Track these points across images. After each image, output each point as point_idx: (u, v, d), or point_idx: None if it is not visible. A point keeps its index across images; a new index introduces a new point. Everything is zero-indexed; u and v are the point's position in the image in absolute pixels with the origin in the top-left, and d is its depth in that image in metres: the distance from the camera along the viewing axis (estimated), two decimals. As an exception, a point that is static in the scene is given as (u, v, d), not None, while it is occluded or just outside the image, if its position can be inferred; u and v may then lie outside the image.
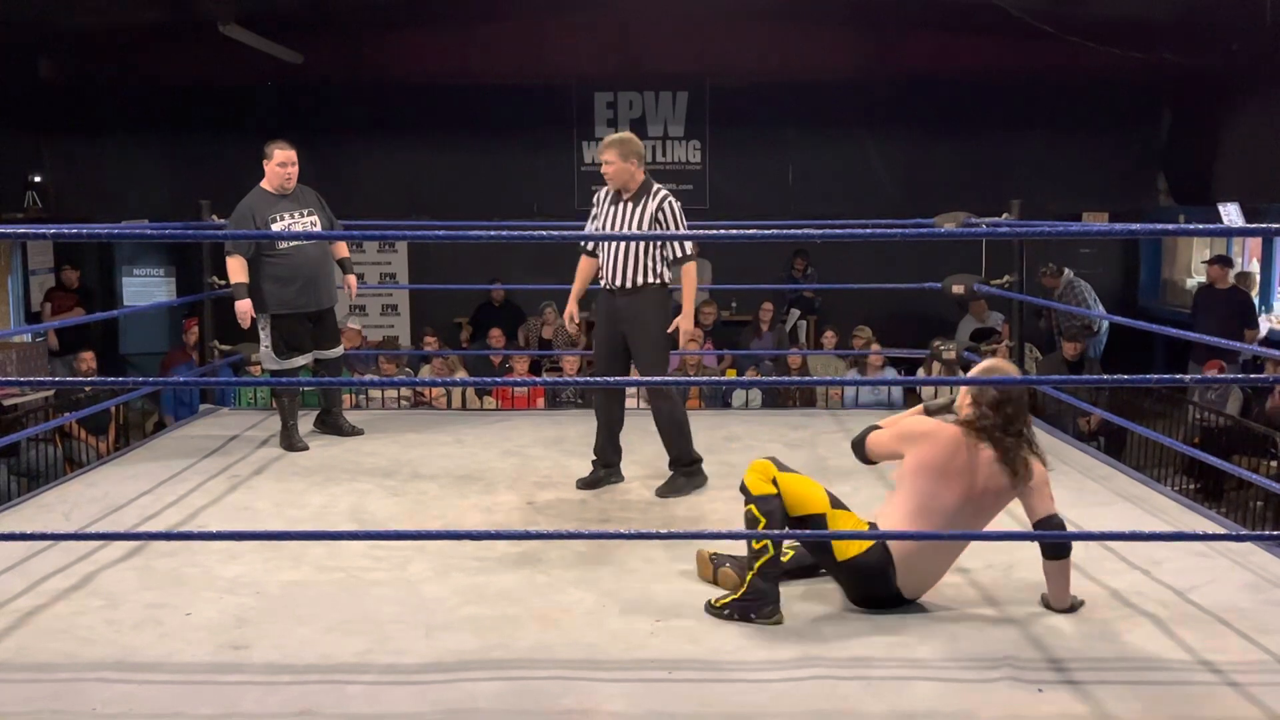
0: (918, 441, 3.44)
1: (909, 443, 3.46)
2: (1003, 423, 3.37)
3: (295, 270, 5.57)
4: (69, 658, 3.11)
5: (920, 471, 3.39)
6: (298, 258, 5.57)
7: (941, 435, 3.41)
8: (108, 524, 4.34)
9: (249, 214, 5.54)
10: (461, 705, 2.85)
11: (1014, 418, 3.38)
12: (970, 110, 11.40)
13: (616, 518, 4.47)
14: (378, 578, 3.73)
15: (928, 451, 3.39)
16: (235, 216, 5.59)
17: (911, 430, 3.50)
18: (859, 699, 2.86)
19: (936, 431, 3.43)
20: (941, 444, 3.39)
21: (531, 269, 11.28)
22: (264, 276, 5.55)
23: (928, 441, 3.42)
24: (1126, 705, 2.81)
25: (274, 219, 5.55)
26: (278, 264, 5.55)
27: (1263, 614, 3.38)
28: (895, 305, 11.07)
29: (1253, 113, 10.34)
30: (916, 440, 3.44)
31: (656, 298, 4.84)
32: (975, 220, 6.44)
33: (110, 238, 9.87)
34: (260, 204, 5.57)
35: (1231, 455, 6.67)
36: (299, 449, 5.56)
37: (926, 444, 3.41)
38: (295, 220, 5.62)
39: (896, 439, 3.53)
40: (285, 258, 5.55)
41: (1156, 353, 11.07)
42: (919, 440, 3.44)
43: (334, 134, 11.24)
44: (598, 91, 11.78)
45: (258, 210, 5.54)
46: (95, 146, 11.64)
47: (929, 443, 3.41)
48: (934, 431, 3.44)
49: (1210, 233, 6.27)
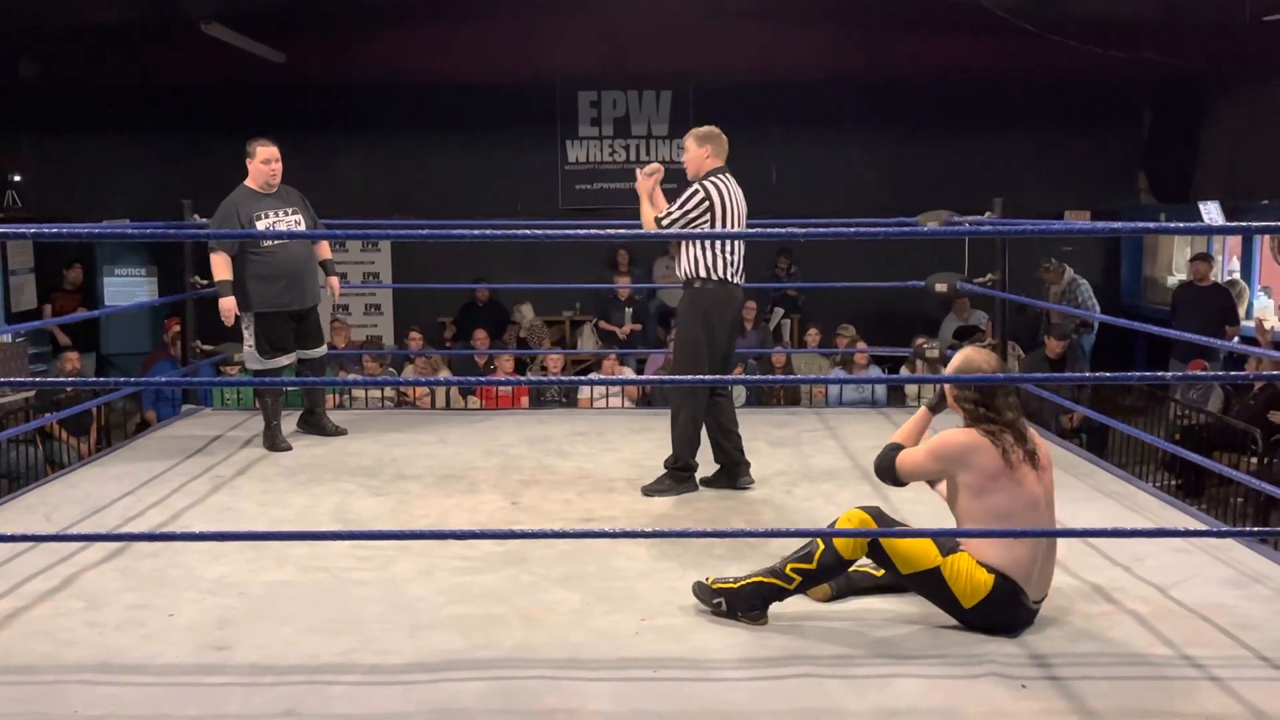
0: (965, 461, 3.25)
1: (956, 465, 3.27)
2: (993, 412, 3.29)
3: (279, 268, 5.54)
4: (50, 660, 3.09)
5: (987, 489, 3.22)
6: (282, 256, 5.54)
7: (984, 444, 3.24)
8: (89, 525, 4.31)
9: (233, 211, 5.51)
10: (446, 705, 2.84)
11: (1004, 407, 3.29)
12: (953, 109, 11.45)
13: (600, 517, 4.47)
14: (361, 578, 3.72)
15: (987, 462, 3.22)
16: (219, 214, 5.56)
17: (948, 449, 3.30)
18: (842, 697, 2.87)
19: (976, 443, 3.25)
20: (987, 451, 3.22)
21: (516, 268, 11.28)
22: (248, 274, 5.52)
23: (977, 455, 3.24)
24: (1109, 701, 2.83)
25: (258, 217, 5.52)
26: (262, 262, 5.52)
27: (1243, 609, 3.40)
28: (878, 304, 11.11)
29: (1233, 112, 10.42)
30: (961, 461, 3.26)
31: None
32: (958, 219, 6.46)
33: (92, 237, 9.80)
34: (244, 202, 5.54)
35: (1212, 452, 6.71)
36: (282, 449, 5.54)
37: (977, 457, 3.23)
38: (279, 218, 5.59)
39: (936, 459, 3.34)
40: (269, 255, 5.53)
41: (1138, 350, 11.14)
42: (966, 459, 3.25)
43: (317, 133, 11.21)
44: (582, 90, 11.79)
45: (242, 208, 5.51)
46: (76, 146, 11.58)
47: (979, 455, 3.23)
48: (975, 444, 3.25)
49: (1191, 231, 6.33)
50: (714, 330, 4.67)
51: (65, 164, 11.55)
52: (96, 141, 11.56)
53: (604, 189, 11.81)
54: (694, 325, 4.68)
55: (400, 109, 11.46)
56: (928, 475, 3.42)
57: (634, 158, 11.88)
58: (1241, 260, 10.95)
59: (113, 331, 11.68)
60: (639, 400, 8.19)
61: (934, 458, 3.36)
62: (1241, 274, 10.85)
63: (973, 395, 3.33)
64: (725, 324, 4.71)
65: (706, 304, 4.67)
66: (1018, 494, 3.23)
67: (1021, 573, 3.21)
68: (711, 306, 4.67)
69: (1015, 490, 3.23)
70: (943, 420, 3.71)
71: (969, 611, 3.23)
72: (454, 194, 11.50)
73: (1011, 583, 3.20)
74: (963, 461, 3.27)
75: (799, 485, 4.89)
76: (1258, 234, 9.48)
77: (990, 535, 3.21)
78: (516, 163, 11.72)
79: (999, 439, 3.25)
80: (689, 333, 4.70)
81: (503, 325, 10.99)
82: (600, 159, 11.88)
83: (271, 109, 11.20)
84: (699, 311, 4.68)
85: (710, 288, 4.67)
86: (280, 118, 11.11)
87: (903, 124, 11.53)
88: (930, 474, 3.41)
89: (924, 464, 3.39)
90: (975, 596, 3.20)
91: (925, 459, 3.38)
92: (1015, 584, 3.21)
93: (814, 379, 9.03)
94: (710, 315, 4.67)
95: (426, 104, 11.46)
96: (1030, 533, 3.21)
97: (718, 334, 4.68)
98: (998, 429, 3.27)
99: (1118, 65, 10.35)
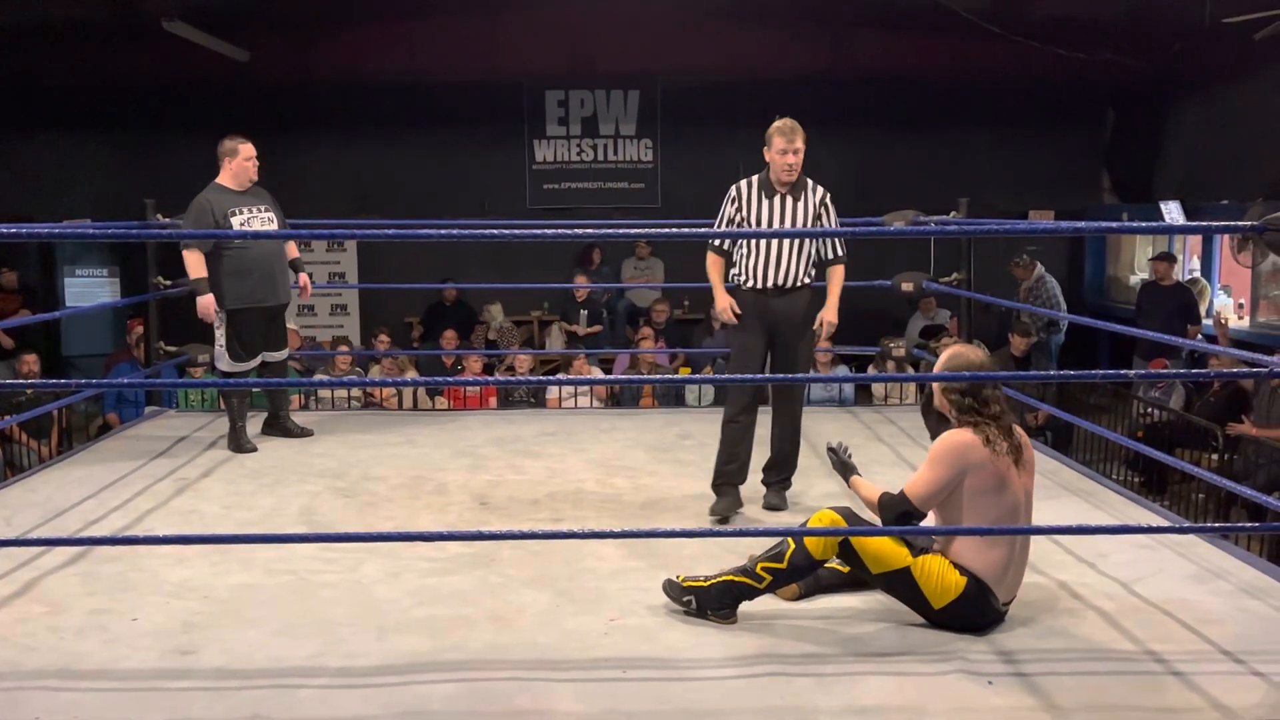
0: (967, 458, 3.22)
1: (962, 462, 3.22)
2: (980, 404, 3.28)
3: (253, 263, 5.53)
4: (11, 666, 3.04)
5: (979, 493, 3.22)
6: (255, 251, 5.54)
7: (975, 441, 3.23)
8: (50, 529, 4.25)
9: (207, 209, 5.48)
10: (415, 708, 2.82)
11: (990, 399, 3.28)
12: (918, 109, 11.52)
13: (569, 517, 4.46)
14: (329, 580, 3.70)
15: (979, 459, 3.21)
16: (193, 212, 5.52)
17: (949, 451, 3.25)
18: (811, 695, 2.88)
19: (969, 440, 3.23)
20: (978, 448, 3.21)
21: (483, 268, 11.23)
22: (222, 271, 5.50)
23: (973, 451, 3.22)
24: (1074, 696, 2.85)
25: (232, 213, 5.51)
26: (236, 257, 5.51)
27: (1206, 605, 3.45)
28: (845, 302, 11.07)
29: (1193, 113, 10.55)
30: (964, 458, 3.22)
31: (812, 298, 4.61)
32: (924, 218, 6.50)
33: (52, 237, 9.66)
34: (218, 199, 5.52)
35: (1174, 449, 6.79)
36: (248, 450, 5.49)
37: (973, 454, 3.21)
38: (254, 215, 5.59)
39: (941, 465, 3.25)
40: (243, 251, 5.51)
41: (1101, 348, 11.25)
42: (966, 455, 3.22)
43: (281, 132, 11.08)
44: (549, 90, 11.76)
45: (216, 205, 5.50)
46: (35, 144, 11.41)
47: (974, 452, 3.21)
48: (968, 440, 3.23)
49: (1153, 230, 6.40)
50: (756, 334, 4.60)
51: (24, 163, 11.38)
52: (57, 140, 11.40)
53: (571, 188, 11.79)
54: (812, 324, 4.66)
55: (366, 108, 11.38)
56: (941, 485, 3.26)
57: (601, 157, 11.87)
58: (1202, 259, 11.09)
59: (73, 333, 11.53)
60: (607, 400, 8.19)
61: (939, 464, 3.26)
62: (1202, 273, 10.99)
63: (960, 387, 3.31)
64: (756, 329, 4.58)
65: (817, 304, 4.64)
66: (1002, 497, 3.23)
67: (994, 575, 3.23)
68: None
69: (1000, 492, 3.23)
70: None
71: (938, 612, 3.24)
72: (421, 194, 11.44)
73: (983, 585, 3.22)
74: (965, 458, 3.23)
75: (767, 484, 4.90)
76: (1218, 233, 9.61)
77: (959, 534, 3.23)
78: (484, 162, 11.67)
79: (982, 431, 3.25)
80: (811, 332, 4.70)
81: (471, 325, 10.96)
82: (568, 159, 11.86)
83: (236, 107, 11.07)
84: (816, 312, 4.66)
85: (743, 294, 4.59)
86: (244, 116, 10.97)
87: (869, 124, 11.59)
88: (942, 483, 3.26)
89: (933, 477, 3.27)
90: (945, 597, 3.22)
91: (932, 471, 3.27)
92: (986, 586, 3.22)
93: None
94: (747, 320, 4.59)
95: (393, 103, 11.39)
96: (997, 530, 3.23)
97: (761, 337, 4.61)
98: (983, 421, 3.26)
99: (1080, 67, 10.45)
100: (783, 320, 4.55)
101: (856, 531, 3.29)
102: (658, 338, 9.58)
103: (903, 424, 6.08)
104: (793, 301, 4.55)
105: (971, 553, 3.23)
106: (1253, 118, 9.34)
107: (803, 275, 4.55)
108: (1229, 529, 4.90)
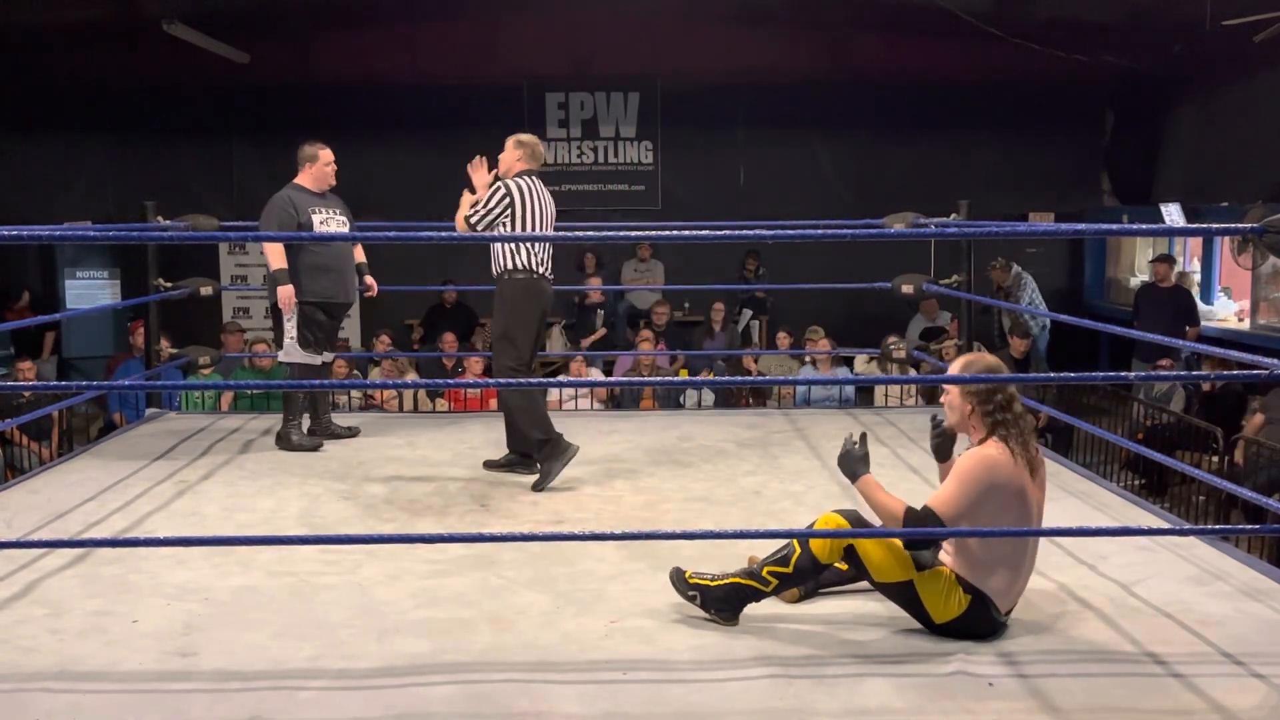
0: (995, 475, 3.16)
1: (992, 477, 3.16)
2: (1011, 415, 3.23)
3: (333, 260, 5.66)
4: (11, 668, 3.04)
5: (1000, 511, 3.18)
6: (334, 249, 5.67)
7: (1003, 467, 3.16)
8: (51, 531, 4.25)
9: (289, 208, 5.60)
10: (414, 710, 2.82)
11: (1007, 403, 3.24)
12: (918, 112, 11.53)
13: (570, 519, 4.46)
14: (329, 582, 3.70)
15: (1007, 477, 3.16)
16: (274, 209, 5.62)
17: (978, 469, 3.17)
18: (812, 697, 2.88)
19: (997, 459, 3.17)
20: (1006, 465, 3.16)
21: (484, 270, 11.21)
22: (303, 265, 5.58)
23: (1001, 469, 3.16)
24: (1074, 699, 2.85)
25: (314, 212, 5.66)
26: (319, 252, 5.61)
27: (1206, 606, 3.45)
28: (846, 305, 11.16)
29: (1193, 115, 10.55)
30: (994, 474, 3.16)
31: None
32: (924, 220, 6.50)
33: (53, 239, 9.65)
34: (300, 199, 5.67)
35: (1175, 451, 6.79)
36: (309, 448, 5.55)
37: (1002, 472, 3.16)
38: (331, 216, 5.75)
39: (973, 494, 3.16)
40: (325, 248, 5.62)
41: (1101, 350, 11.26)
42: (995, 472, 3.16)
43: (281, 134, 11.05)
44: (549, 92, 11.76)
45: (299, 205, 5.63)
46: (36, 147, 11.41)
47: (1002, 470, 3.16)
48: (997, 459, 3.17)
49: (1153, 232, 6.40)
50: (524, 319, 4.99)
51: (25, 165, 11.39)
52: (57, 142, 11.40)
53: (572, 190, 11.79)
54: (502, 315, 5.02)
55: (366, 110, 11.38)
56: (970, 503, 3.17)
57: (602, 159, 11.88)
58: (1202, 261, 11.10)
59: (74, 335, 11.54)
60: (607, 402, 8.19)
61: (969, 481, 3.17)
62: (1202, 275, 11.00)
63: (1000, 400, 3.23)
64: (534, 314, 5.02)
65: (515, 294, 4.99)
66: (1018, 517, 3.19)
67: (1000, 592, 3.21)
68: (520, 297, 4.99)
69: (1017, 511, 3.19)
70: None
71: (939, 626, 3.22)
72: (421, 195, 11.42)
73: (987, 600, 3.20)
74: (993, 476, 3.16)
75: (768, 486, 4.91)
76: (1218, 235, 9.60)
77: (959, 535, 3.22)
78: (484, 164, 11.67)
79: (1008, 444, 3.18)
80: (499, 322, 5.05)
81: (471, 327, 10.95)
82: (568, 160, 11.87)
83: (236, 109, 11.09)
84: (506, 302, 5.01)
85: (519, 278, 4.98)
86: (245, 119, 11.02)
87: (869, 126, 11.60)
88: (971, 501, 3.16)
89: (962, 495, 3.17)
90: (948, 614, 3.19)
91: (961, 489, 3.17)
92: (990, 601, 3.20)
93: (783, 380, 9.06)
94: (518, 305, 4.99)
95: (393, 105, 11.40)
96: (998, 532, 3.22)
97: (527, 323, 5.00)
98: (1009, 422, 3.20)
99: (1080, 69, 10.46)
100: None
101: (861, 534, 3.28)
102: (658, 340, 9.59)
103: (903, 425, 6.08)
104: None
105: (979, 571, 3.20)
106: (1253, 119, 9.35)
107: None
108: (1229, 531, 4.90)
